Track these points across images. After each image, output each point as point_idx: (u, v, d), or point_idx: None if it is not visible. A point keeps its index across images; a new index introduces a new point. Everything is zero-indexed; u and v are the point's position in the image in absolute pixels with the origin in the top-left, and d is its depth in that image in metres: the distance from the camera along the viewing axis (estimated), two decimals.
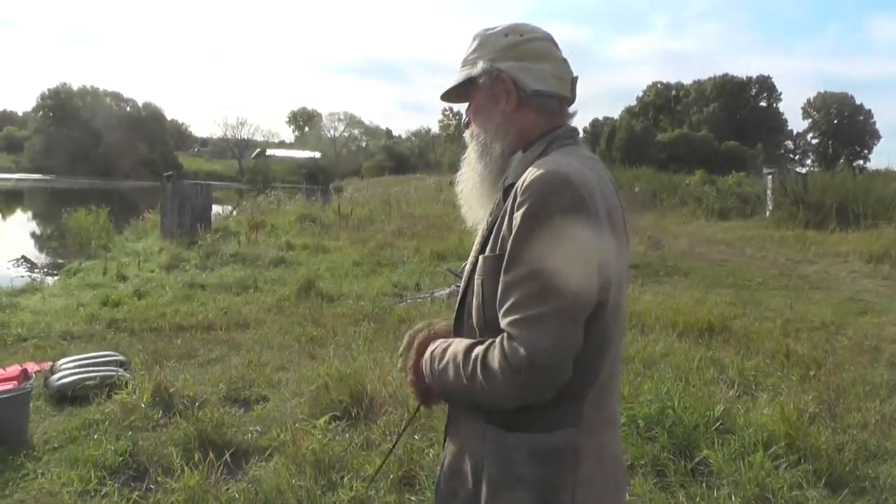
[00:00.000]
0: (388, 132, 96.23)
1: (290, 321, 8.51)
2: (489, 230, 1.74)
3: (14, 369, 5.83)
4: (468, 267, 1.80)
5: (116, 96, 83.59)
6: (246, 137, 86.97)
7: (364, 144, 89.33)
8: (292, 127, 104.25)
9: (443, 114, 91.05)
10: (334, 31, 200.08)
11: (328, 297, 10.05)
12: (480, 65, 1.81)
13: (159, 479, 4.15)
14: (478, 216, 1.86)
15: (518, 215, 1.59)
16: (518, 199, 1.61)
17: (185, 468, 4.10)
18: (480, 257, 1.72)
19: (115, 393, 5.60)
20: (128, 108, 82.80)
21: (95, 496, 4.12)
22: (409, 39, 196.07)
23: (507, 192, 1.70)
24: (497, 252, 1.65)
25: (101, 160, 67.43)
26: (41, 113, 79.06)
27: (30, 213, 40.17)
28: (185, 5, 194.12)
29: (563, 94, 1.81)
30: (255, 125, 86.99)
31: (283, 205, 26.22)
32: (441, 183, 35.14)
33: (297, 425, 4.73)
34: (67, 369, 6.30)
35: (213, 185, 20.79)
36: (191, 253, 14.18)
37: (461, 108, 1.96)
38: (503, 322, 1.58)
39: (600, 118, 73.50)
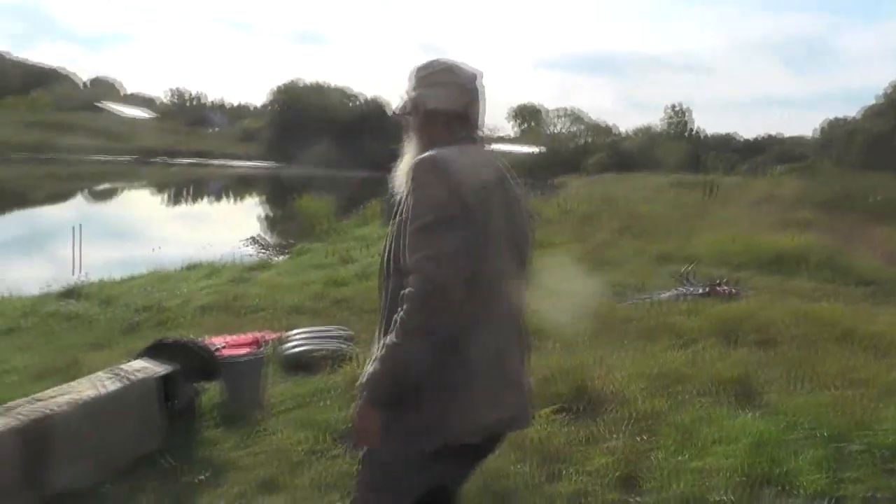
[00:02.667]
0: (611, 129, 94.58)
1: None
2: (398, 203, 2.38)
3: (249, 336, 6.38)
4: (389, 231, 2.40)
5: (343, 91, 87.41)
6: None
7: (586, 140, 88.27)
8: (514, 122, 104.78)
9: (665, 112, 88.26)
10: (557, 26, 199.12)
11: (551, 291, 10.08)
12: (407, 94, 2.54)
13: None
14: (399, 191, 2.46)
15: (409, 189, 2.28)
16: (410, 178, 2.29)
17: None
18: (393, 227, 2.34)
19: (341, 365, 5.96)
20: (354, 103, 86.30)
21: (323, 457, 4.45)
22: (633, 34, 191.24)
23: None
24: (399, 217, 2.30)
25: (327, 150, 70.86)
26: (273, 106, 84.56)
27: (261, 198, 43.17)
28: (404, 6, 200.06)
29: (452, 109, 2.48)
30: (479, 120, 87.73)
31: None
32: (664, 182, 34.27)
33: None
34: (297, 340, 6.78)
35: None
36: None
37: (686, 105, 2.16)
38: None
39: (835, 117, 68.19)
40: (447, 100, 2.48)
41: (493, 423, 2.37)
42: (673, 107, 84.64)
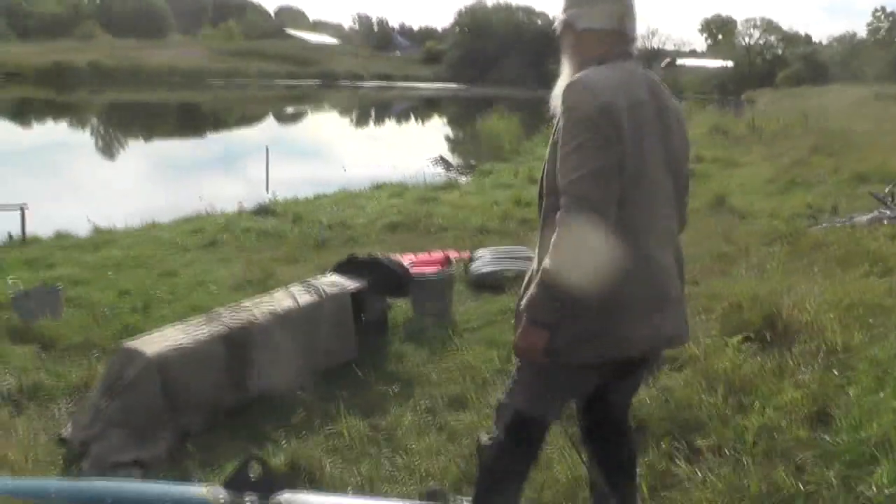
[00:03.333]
0: (808, 38, 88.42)
1: (701, 235, 8.39)
2: (554, 133, 2.39)
3: (438, 254, 6.52)
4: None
5: (528, 10, 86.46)
6: (657, 47, 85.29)
7: (780, 52, 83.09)
8: (705, 35, 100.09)
9: (873, 16, 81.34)
10: None
11: (739, 213, 9.75)
12: (559, 16, 2.55)
13: None
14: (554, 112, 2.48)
15: (559, 112, 2.34)
16: (562, 100, 2.33)
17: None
18: (551, 152, 2.39)
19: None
20: (538, 21, 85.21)
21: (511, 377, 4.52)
22: None
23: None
24: (554, 139, 2.36)
25: (512, 70, 70.51)
26: (457, 28, 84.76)
27: (445, 119, 43.57)
28: None
29: (609, 27, 2.44)
30: (666, 34, 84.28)
31: (694, 116, 25.62)
32: (864, 95, 31.84)
33: (707, 341, 4.72)
34: (484, 259, 6.88)
35: None
36: None
37: (892, 8, 1.94)
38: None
39: None
40: (601, 17, 2.45)
41: (651, 339, 2.43)
42: (881, 10, 77.82)
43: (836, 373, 4.23)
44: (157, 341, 4.04)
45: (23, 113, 36.80)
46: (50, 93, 45.68)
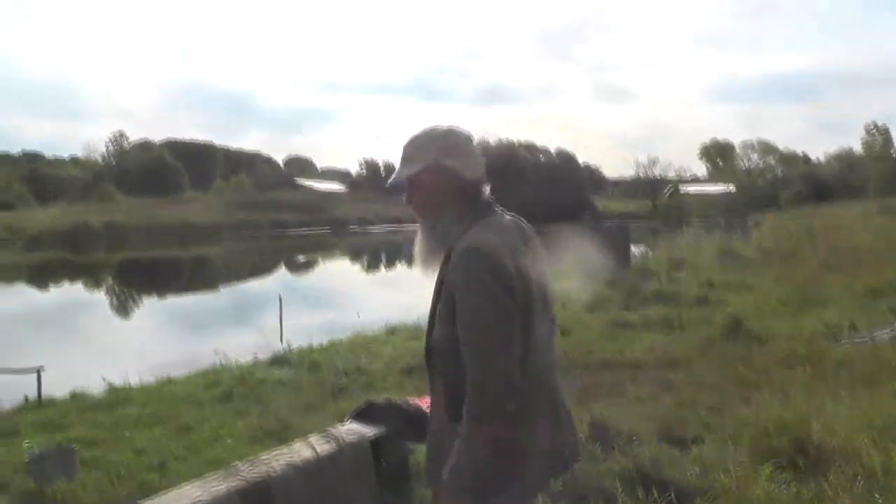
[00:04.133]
0: (805, 157, 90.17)
1: (720, 361, 8.32)
2: (439, 285, 2.42)
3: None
4: (430, 311, 2.46)
5: (530, 147, 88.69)
6: (659, 176, 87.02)
7: (780, 173, 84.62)
8: (705, 160, 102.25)
9: (866, 131, 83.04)
10: (733, 53, 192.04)
11: (757, 337, 9.67)
12: (430, 157, 2.46)
13: None
14: (425, 271, 2.52)
15: (460, 283, 2.28)
16: (454, 266, 2.31)
17: (628, 502, 4.17)
18: (442, 307, 2.36)
19: None
20: (541, 157, 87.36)
21: None
22: (820, 51, 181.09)
23: (447, 257, 2.39)
24: (447, 303, 2.32)
25: (518, 208, 71.63)
26: None
27: None
28: (579, 53, 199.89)
29: (481, 178, 2.51)
30: (667, 162, 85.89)
31: (702, 242, 25.83)
32: (868, 210, 32.12)
33: (738, 470, 4.59)
34: None
35: (629, 225, 21.14)
36: (612, 292, 14.51)
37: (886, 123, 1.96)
38: None
39: None
40: (479, 169, 2.52)
41: (557, 471, 2.58)
42: (873, 124, 79.67)
43: (878, 498, 4.09)
44: (174, 500, 3.95)
45: (41, 275, 37.44)
46: (67, 254, 46.61)
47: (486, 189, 2.54)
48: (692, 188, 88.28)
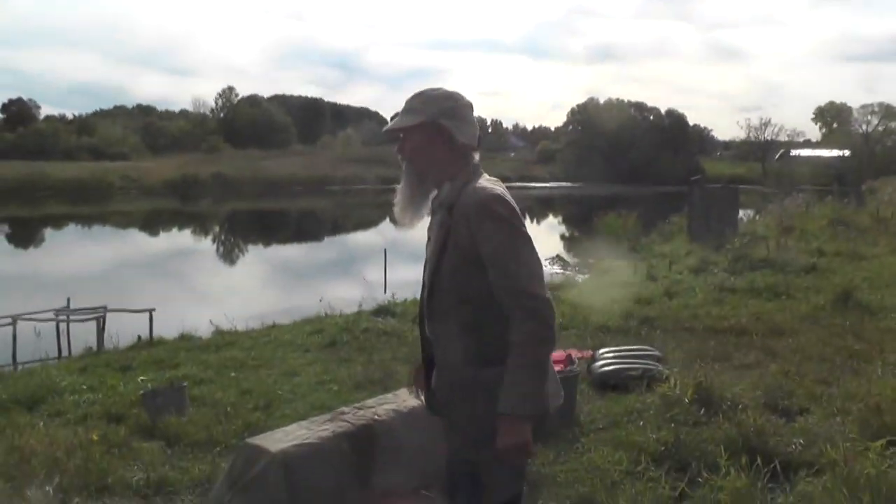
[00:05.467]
0: None
1: (828, 332, 8.06)
2: (444, 236, 2.54)
3: (560, 354, 6.40)
4: (429, 263, 2.61)
5: (640, 106, 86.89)
6: (769, 138, 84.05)
7: None
8: (819, 124, 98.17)
9: None
10: (855, 11, 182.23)
11: (868, 309, 9.32)
12: (430, 114, 2.58)
13: (704, 473, 4.21)
14: (407, 220, 2.68)
15: (484, 222, 2.44)
16: (475, 212, 2.46)
17: (731, 469, 4.10)
18: (450, 254, 2.51)
19: (656, 386, 5.83)
20: (651, 117, 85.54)
21: (642, 478, 4.35)
22: None
23: (451, 210, 2.52)
24: (461, 252, 2.48)
25: (626, 167, 70.75)
26: (571, 127, 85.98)
27: (561, 218, 43.79)
28: (692, 10, 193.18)
29: (474, 144, 2.64)
30: (779, 125, 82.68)
31: (812, 208, 24.93)
32: None
33: (846, 445, 4.44)
34: (608, 359, 6.74)
35: (738, 189, 20.55)
36: (719, 256, 14.20)
37: None
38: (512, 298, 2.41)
39: None
40: (473, 137, 2.65)
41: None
42: None
43: None
44: (281, 438, 4.08)
45: (152, 223, 38.91)
46: (177, 203, 48.21)
47: (476, 156, 2.67)
48: (804, 152, 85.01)
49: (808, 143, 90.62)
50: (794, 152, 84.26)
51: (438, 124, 2.59)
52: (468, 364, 2.52)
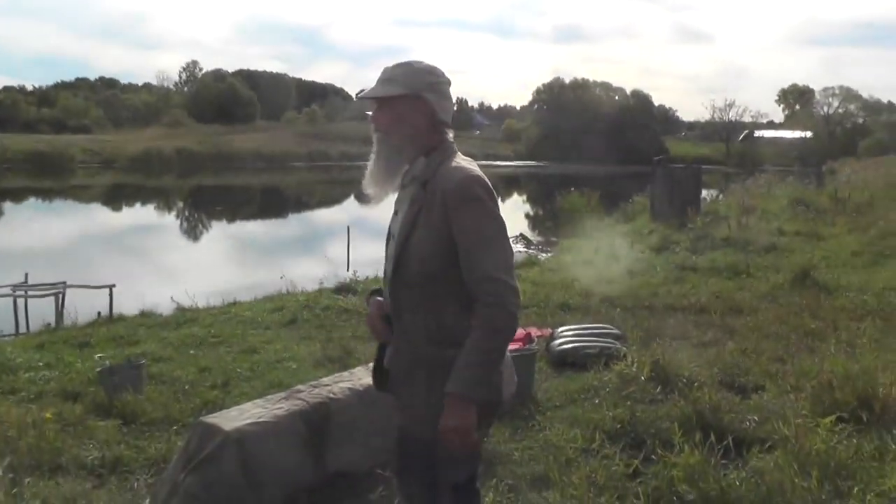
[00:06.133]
0: (890, 105, 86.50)
1: (786, 311, 8.17)
2: (416, 212, 2.49)
3: (520, 332, 6.43)
4: (397, 237, 2.55)
5: (606, 86, 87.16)
6: (733, 119, 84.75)
7: (862, 121, 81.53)
8: (782, 106, 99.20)
9: None
10: None
11: (825, 287, 9.46)
12: (413, 87, 2.54)
13: (658, 451, 4.25)
14: (377, 193, 2.65)
15: (462, 204, 2.42)
16: (453, 192, 2.43)
17: (685, 446, 4.14)
18: (420, 230, 2.48)
19: (613, 364, 5.88)
20: (616, 97, 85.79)
21: (597, 455, 4.38)
22: None
23: (425, 185, 2.50)
24: (433, 229, 2.45)
25: (591, 147, 70.91)
26: (536, 106, 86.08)
27: (525, 196, 43.89)
28: None
29: (449, 122, 2.63)
30: (742, 106, 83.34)
31: (774, 188, 25.21)
32: None
33: (798, 421, 4.51)
34: (566, 337, 6.78)
35: (701, 169, 20.70)
36: (681, 236, 14.32)
37: None
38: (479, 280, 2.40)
39: None
40: (450, 114, 2.65)
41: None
42: None
43: None
44: (236, 417, 4.05)
45: (114, 198, 38.37)
46: (140, 178, 47.56)
47: (451, 134, 2.65)
48: (767, 133, 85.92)
49: (771, 125, 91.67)
50: (757, 133, 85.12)
51: (421, 97, 2.55)
52: (430, 343, 2.50)
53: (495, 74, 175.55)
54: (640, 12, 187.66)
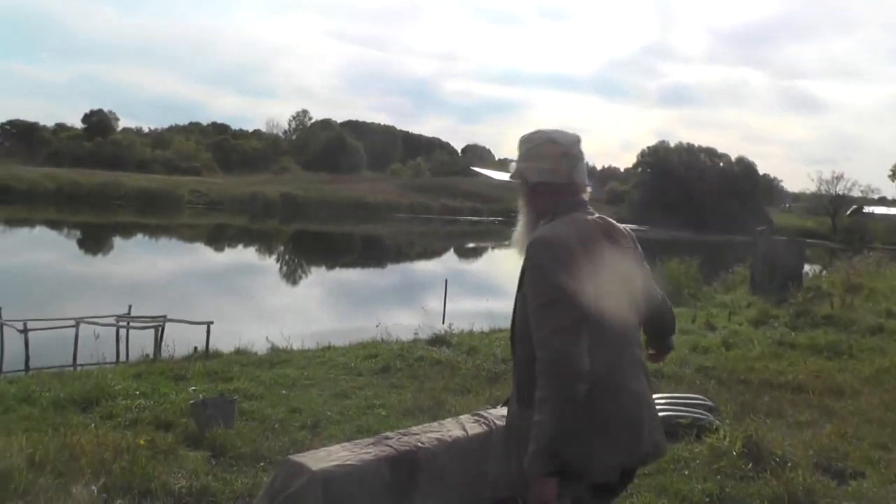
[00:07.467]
0: None
1: (891, 396, 7.82)
2: (521, 276, 2.57)
3: None
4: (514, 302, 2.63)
5: (710, 152, 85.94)
6: (841, 193, 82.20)
7: None
8: (895, 182, 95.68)
9: None
10: None
11: None
12: (514, 167, 2.73)
13: None
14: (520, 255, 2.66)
15: (526, 270, 2.52)
16: (525, 256, 2.52)
17: None
18: (518, 294, 2.57)
19: (705, 436, 5.75)
20: (721, 164, 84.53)
21: None
22: None
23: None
24: (521, 291, 2.54)
25: (693, 213, 70.00)
26: (640, 168, 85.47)
27: None
28: (763, 56, 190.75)
29: (558, 181, 2.64)
30: (852, 180, 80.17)
31: (883, 267, 24.27)
32: None
33: None
34: (658, 404, 6.63)
35: (805, 243, 20.15)
36: (780, 310, 13.89)
37: None
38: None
39: None
40: (551, 172, 2.64)
41: (627, 461, 2.61)
42: None
43: None
44: (324, 458, 4.10)
45: (218, 238, 39.66)
46: (244, 220, 49.07)
47: (573, 186, 2.68)
48: (878, 209, 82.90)
49: (883, 201, 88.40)
50: (867, 209, 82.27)
51: (517, 168, 2.71)
52: (517, 402, 2.61)
53: (599, 135, 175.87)
54: (747, 77, 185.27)
